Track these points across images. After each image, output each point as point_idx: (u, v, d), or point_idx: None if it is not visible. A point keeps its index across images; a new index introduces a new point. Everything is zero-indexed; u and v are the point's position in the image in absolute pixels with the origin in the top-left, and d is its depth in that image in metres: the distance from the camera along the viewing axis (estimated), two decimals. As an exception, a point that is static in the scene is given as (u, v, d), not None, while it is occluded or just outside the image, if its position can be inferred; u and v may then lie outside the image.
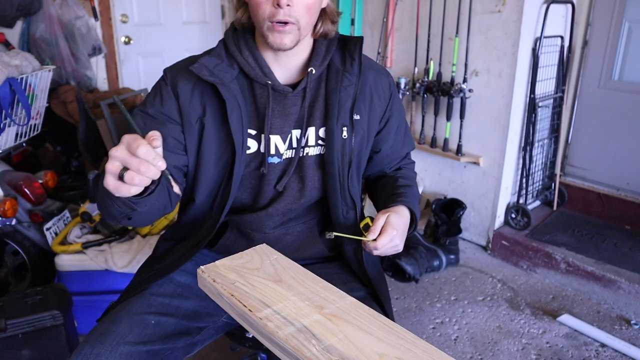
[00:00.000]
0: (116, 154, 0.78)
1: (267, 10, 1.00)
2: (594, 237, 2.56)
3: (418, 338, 0.76)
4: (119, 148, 0.78)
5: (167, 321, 1.04)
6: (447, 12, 2.61)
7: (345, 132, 1.11)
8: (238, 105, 1.05)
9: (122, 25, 3.43)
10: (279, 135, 1.10)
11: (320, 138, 1.12)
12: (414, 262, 2.45)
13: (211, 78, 1.04)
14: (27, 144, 2.52)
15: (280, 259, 0.97)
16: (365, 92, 1.15)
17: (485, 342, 2.05)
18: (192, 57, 1.11)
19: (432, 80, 2.71)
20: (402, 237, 1.08)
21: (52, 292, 1.68)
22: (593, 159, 2.75)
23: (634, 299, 2.20)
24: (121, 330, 0.97)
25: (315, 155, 1.13)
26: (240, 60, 1.08)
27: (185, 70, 1.07)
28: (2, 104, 2.00)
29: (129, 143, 0.77)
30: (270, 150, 1.10)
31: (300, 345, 0.73)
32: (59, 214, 2.14)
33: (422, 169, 3.02)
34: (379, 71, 1.20)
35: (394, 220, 1.06)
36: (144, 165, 0.76)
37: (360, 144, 1.15)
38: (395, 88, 1.24)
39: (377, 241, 1.04)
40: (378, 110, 1.18)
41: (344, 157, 1.11)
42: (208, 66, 1.05)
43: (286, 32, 1.01)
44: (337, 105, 1.10)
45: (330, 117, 1.10)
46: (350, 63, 1.12)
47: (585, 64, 2.70)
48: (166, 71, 1.11)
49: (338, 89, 1.10)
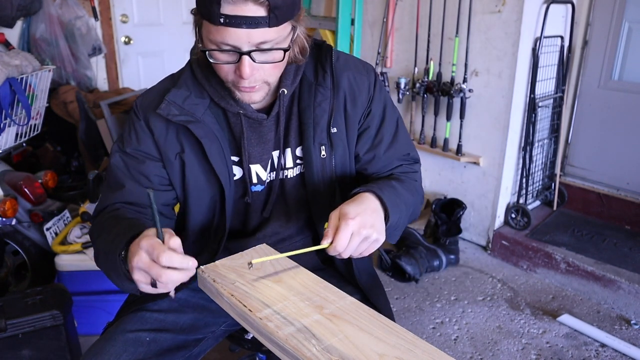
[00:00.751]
0: (139, 265, 0.77)
1: (229, 76, 0.93)
2: (594, 237, 2.56)
3: (418, 338, 0.76)
4: (140, 258, 0.77)
5: (163, 337, 1.03)
6: (447, 12, 2.61)
7: (323, 151, 1.05)
8: (216, 137, 1.00)
9: (122, 25, 3.43)
10: (259, 163, 1.06)
11: (298, 157, 1.08)
12: (414, 262, 2.45)
13: (182, 117, 0.98)
14: (27, 144, 2.51)
15: (280, 259, 0.97)
16: (340, 102, 1.06)
17: (485, 342, 2.05)
18: (162, 86, 1.05)
19: (432, 80, 2.71)
20: (373, 226, 0.88)
21: (52, 292, 1.67)
22: (593, 159, 2.75)
23: (634, 299, 2.20)
24: (115, 350, 0.97)
25: (295, 176, 1.09)
26: (209, 89, 1.01)
27: (156, 105, 1.00)
28: (2, 104, 2.00)
29: (149, 253, 0.77)
30: (252, 179, 1.07)
31: (300, 345, 0.73)
32: (59, 214, 2.14)
33: (422, 168, 2.99)
34: (357, 70, 1.08)
35: (347, 210, 0.88)
36: (169, 275, 0.76)
37: (342, 158, 1.08)
38: (379, 87, 1.10)
39: (334, 244, 0.86)
40: (354, 117, 1.08)
41: (324, 175, 1.06)
42: (177, 102, 0.99)
43: (255, 91, 0.94)
44: (312, 124, 1.03)
45: (306, 137, 1.04)
46: (323, 75, 1.04)
47: (585, 64, 2.70)
48: (137, 105, 1.05)
49: (312, 106, 1.03)
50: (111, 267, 0.88)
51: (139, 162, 1.03)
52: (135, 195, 1.03)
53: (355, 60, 1.11)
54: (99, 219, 1.02)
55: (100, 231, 0.96)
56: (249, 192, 1.07)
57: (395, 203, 0.97)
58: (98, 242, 0.96)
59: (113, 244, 0.87)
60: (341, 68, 1.06)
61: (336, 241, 0.86)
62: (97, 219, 1.03)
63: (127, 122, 1.07)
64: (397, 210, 0.97)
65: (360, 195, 0.94)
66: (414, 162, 1.19)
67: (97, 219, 1.03)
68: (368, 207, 0.91)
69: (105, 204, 1.05)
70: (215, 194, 1.06)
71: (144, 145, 1.03)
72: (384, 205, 0.94)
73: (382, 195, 0.94)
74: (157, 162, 1.04)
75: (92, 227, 1.04)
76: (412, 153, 1.18)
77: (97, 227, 1.00)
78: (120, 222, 0.94)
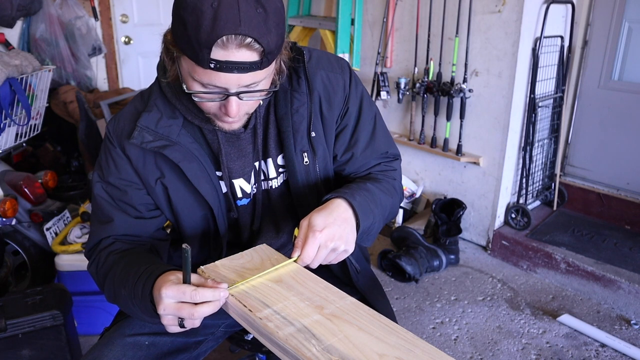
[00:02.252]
0: (166, 312, 0.80)
1: (212, 110, 0.91)
2: (594, 237, 2.56)
3: (418, 338, 0.76)
4: (167, 305, 0.80)
5: (162, 340, 1.02)
6: (447, 12, 2.61)
7: (306, 157, 1.03)
8: (195, 157, 0.98)
9: (122, 25, 3.43)
10: (242, 177, 1.05)
11: (281, 166, 1.06)
12: (414, 262, 2.45)
13: (157, 143, 0.95)
14: (27, 144, 2.51)
15: (280, 259, 0.97)
16: (316, 104, 1.03)
17: (485, 342, 2.05)
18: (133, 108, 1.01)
19: (432, 80, 2.71)
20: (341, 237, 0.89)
21: (52, 292, 1.67)
22: (593, 159, 2.75)
23: (634, 299, 2.20)
24: (114, 354, 0.96)
25: (280, 185, 1.08)
26: (181, 107, 0.97)
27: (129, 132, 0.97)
28: (2, 104, 2.00)
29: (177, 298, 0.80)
30: (237, 193, 1.06)
31: (300, 345, 0.73)
32: (59, 214, 2.14)
33: (422, 169, 3.02)
34: (330, 69, 1.05)
35: (315, 221, 0.88)
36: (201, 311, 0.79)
37: (324, 161, 1.06)
38: (354, 84, 1.07)
39: (301, 256, 0.87)
40: (331, 117, 1.06)
41: (309, 182, 1.05)
42: (149, 126, 0.95)
43: (236, 121, 0.94)
44: (291, 131, 1.01)
45: (287, 145, 1.02)
46: (297, 81, 1.01)
47: (585, 64, 2.70)
48: (110, 131, 1.01)
49: (289, 114, 1.01)
50: (138, 311, 0.91)
51: (122, 193, 1.01)
52: (126, 227, 1.02)
53: (328, 56, 1.07)
54: (96, 257, 1.02)
55: (107, 271, 0.97)
56: (234, 207, 1.06)
57: (369, 209, 0.96)
58: (108, 283, 0.97)
59: (135, 288, 0.88)
60: (314, 68, 1.03)
61: (303, 254, 0.87)
62: (94, 256, 1.03)
63: (103, 149, 1.03)
64: (369, 216, 0.97)
65: (331, 202, 0.93)
66: (394, 159, 1.16)
67: (95, 257, 1.03)
68: (338, 216, 0.91)
69: (98, 238, 1.03)
70: (207, 211, 1.04)
71: (124, 172, 1.00)
72: (355, 212, 0.93)
73: (354, 202, 0.93)
74: (140, 190, 1.02)
75: (92, 266, 1.03)
76: (391, 150, 1.15)
77: (100, 268, 1.00)
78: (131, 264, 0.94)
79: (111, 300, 0.99)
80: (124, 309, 0.97)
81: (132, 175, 1.00)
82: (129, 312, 0.96)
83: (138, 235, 1.04)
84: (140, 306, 0.88)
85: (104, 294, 1.00)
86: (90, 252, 1.05)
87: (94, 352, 0.98)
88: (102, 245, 1.03)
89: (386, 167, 1.13)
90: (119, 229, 1.02)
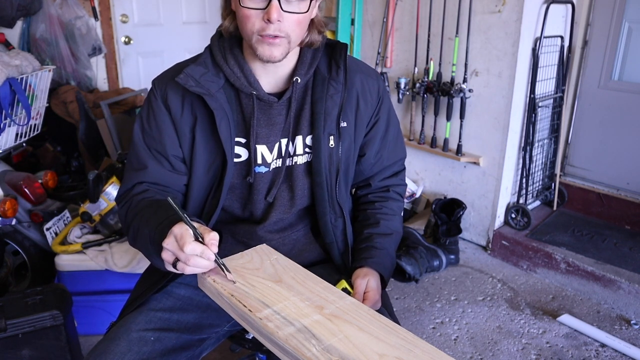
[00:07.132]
0: (167, 246, 0.87)
1: (256, 24, 0.98)
2: (594, 237, 2.56)
3: (418, 338, 0.76)
4: (169, 240, 0.86)
5: (168, 336, 1.03)
6: (447, 12, 2.61)
7: (332, 141, 1.11)
8: (226, 115, 1.05)
9: (122, 25, 3.43)
10: (265, 145, 1.10)
11: (308, 146, 1.13)
12: (414, 262, 2.45)
13: (198, 89, 1.03)
14: (27, 144, 2.51)
15: (280, 259, 0.97)
16: (352, 98, 1.14)
17: (485, 342, 2.05)
18: (179, 65, 1.10)
19: (432, 80, 2.71)
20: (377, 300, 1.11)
21: (52, 292, 1.67)
22: (593, 159, 2.75)
23: (634, 299, 2.20)
24: (120, 349, 0.97)
25: (304, 163, 1.13)
26: (226, 69, 1.07)
27: (173, 81, 1.06)
28: (2, 104, 2.00)
29: (177, 238, 0.85)
30: (257, 159, 1.10)
31: (300, 345, 0.73)
32: (59, 214, 2.14)
33: (422, 169, 3.02)
34: (368, 74, 1.17)
35: (373, 285, 1.09)
36: (191, 259, 0.85)
37: (348, 152, 1.15)
38: (386, 92, 1.21)
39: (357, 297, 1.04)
40: (365, 116, 1.16)
41: (331, 165, 1.12)
42: (194, 76, 1.04)
43: (276, 44, 0.99)
44: (323, 114, 1.09)
45: (317, 126, 1.10)
46: (336, 70, 1.11)
47: (585, 64, 2.70)
48: (155, 84, 1.11)
49: (324, 98, 1.10)
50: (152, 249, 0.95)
51: (158, 143, 1.09)
52: (158, 176, 1.10)
53: (365, 65, 1.20)
54: (129, 200, 1.08)
55: (137, 213, 1.02)
56: (252, 172, 1.10)
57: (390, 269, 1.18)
58: (134, 223, 1.02)
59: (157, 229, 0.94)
60: (354, 68, 1.14)
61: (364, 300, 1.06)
62: (127, 199, 1.09)
63: (145, 101, 1.12)
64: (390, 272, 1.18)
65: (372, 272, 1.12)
66: (403, 164, 1.32)
67: (127, 200, 1.09)
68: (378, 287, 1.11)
69: (131, 183, 1.10)
70: (217, 170, 1.09)
71: (163, 124, 1.08)
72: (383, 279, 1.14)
73: (384, 275, 1.14)
74: (174, 142, 1.09)
75: (123, 208, 1.09)
76: (404, 154, 1.31)
77: (131, 209, 1.06)
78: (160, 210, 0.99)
79: (131, 242, 1.05)
80: (141, 248, 1.02)
81: (169, 126, 1.08)
82: (145, 251, 1.00)
83: (167, 186, 1.11)
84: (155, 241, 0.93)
85: (127, 235, 1.06)
86: (122, 197, 1.12)
87: (99, 347, 0.99)
88: (136, 190, 1.09)
89: (398, 181, 1.29)
90: (152, 176, 1.09)
